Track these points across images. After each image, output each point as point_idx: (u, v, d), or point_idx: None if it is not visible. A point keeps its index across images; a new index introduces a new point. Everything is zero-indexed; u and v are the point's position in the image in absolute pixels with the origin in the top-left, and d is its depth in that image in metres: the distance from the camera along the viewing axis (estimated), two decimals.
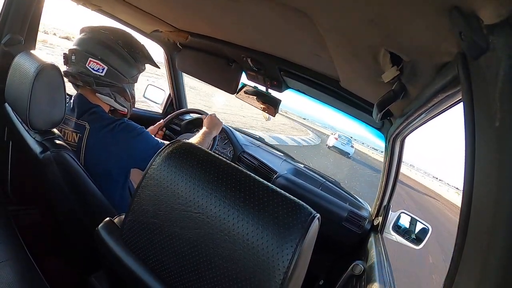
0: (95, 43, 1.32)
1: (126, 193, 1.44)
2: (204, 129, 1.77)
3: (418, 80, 0.82)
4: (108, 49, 1.33)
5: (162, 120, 2.17)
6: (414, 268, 5.75)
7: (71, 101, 1.39)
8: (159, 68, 1.83)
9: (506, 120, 0.39)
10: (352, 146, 24.21)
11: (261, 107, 2.05)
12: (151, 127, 2.13)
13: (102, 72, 1.33)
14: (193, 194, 0.57)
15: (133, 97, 1.53)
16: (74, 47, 1.34)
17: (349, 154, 23.51)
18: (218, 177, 0.58)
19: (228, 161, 0.63)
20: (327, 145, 24.51)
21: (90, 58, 1.31)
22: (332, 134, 27.92)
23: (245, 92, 2.07)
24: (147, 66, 1.57)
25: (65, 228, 1.34)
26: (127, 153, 1.32)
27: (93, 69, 1.32)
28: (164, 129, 2.22)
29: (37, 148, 1.10)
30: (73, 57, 1.33)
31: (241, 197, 0.55)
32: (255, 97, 2.04)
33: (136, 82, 1.53)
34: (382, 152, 1.73)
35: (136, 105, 1.66)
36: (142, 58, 1.47)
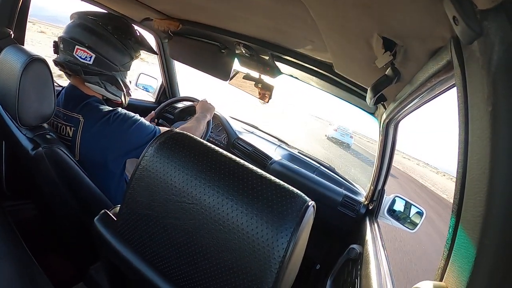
0: (82, 29, 1.28)
1: (122, 185, 1.42)
2: (197, 114, 1.76)
3: (412, 64, 0.81)
4: (96, 36, 1.29)
5: (153, 112, 2.16)
6: None
7: (63, 91, 1.36)
8: (156, 54, 1.80)
9: (499, 105, 0.39)
10: (351, 137, 24.89)
11: (254, 94, 2.04)
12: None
13: (90, 60, 1.29)
14: (187, 185, 0.57)
15: (126, 86, 1.49)
16: (62, 34, 1.30)
17: (349, 144, 24.34)
18: (211, 166, 0.58)
19: (221, 150, 0.63)
20: (326, 136, 25.26)
21: (77, 46, 1.27)
22: (330, 125, 28.72)
23: (238, 79, 2.06)
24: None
25: (61, 222, 1.33)
26: (124, 144, 1.29)
27: (80, 57, 1.28)
28: (156, 120, 2.22)
29: (28, 145, 1.09)
30: (61, 46, 1.29)
31: (235, 186, 0.55)
32: (248, 83, 2.03)
33: (128, 70, 1.48)
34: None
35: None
36: (134, 44, 1.42)
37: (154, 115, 2.17)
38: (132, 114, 1.35)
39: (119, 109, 1.33)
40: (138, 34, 1.46)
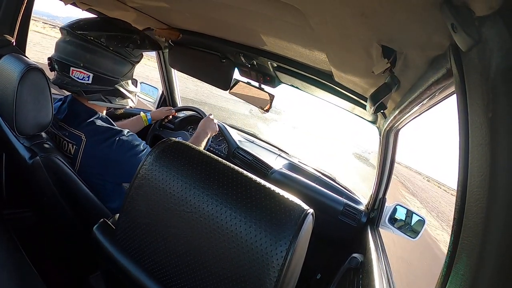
0: (74, 48, 1.20)
1: (120, 194, 1.36)
2: (198, 130, 1.71)
3: (411, 72, 0.82)
4: (90, 53, 1.21)
5: (173, 109, 2.21)
6: None
7: (66, 105, 1.31)
8: (161, 49, 1.73)
9: (499, 111, 0.39)
10: (369, 153, 30.47)
11: (254, 103, 2.04)
12: (159, 110, 2.15)
13: (88, 80, 1.22)
14: (185, 193, 0.57)
15: (132, 92, 1.41)
16: (54, 54, 1.23)
17: (367, 159, 30.02)
18: (210, 175, 0.58)
19: (219, 159, 0.63)
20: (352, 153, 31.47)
21: (72, 68, 1.20)
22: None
23: (238, 88, 2.06)
24: None
25: (60, 230, 1.33)
26: (126, 171, 1.23)
27: (78, 78, 1.21)
28: (175, 113, 2.24)
29: (25, 154, 1.08)
30: (56, 66, 1.23)
31: (233, 195, 0.55)
32: (248, 93, 2.04)
33: (131, 78, 1.40)
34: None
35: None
36: (134, 50, 1.32)
37: (175, 113, 2.21)
38: (138, 141, 1.29)
39: (125, 132, 1.27)
40: (136, 35, 1.35)
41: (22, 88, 1.03)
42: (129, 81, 1.40)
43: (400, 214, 1.75)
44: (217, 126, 1.82)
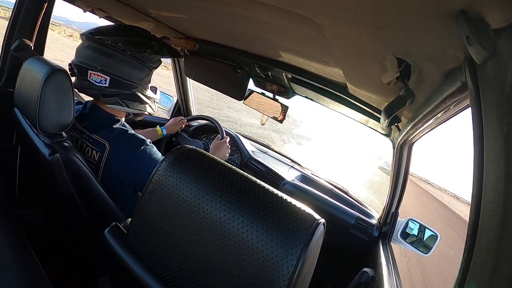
0: (92, 52, 1.25)
1: (137, 201, 1.37)
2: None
3: (426, 85, 0.81)
4: (107, 57, 1.25)
5: (184, 119, 2.24)
6: None
7: (87, 111, 1.34)
8: (181, 56, 1.75)
9: None
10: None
11: (268, 113, 2.05)
12: (172, 122, 2.20)
13: (105, 83, 1.26)
14: (198, 200, 0.57)
15: (150, 97, 1.43)
16: (74, 59, 1.28)
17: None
18: (223, 182, 0.58)
19: (233, 167, 0.63)
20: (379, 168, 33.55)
21: (89, 71, 1.24)
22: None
23: (253, 99, 2.08)
24: None
25: (71, 231, 1.34)
26: (143, 181, 1.19)
27: (95, 81, 1.25)
28: (186, 122, 2.28)
29: (46, 151, 1.10)
30: (75, 70, 1.27)
31: (246, 203, 0.55)
32: (262, 103, 2.05)
33: (148, 83, 1.42)
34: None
35: None
36: (151, 55, 1.35)
37: (186, 122, 2.24)
38: (159, 154, 1.30)
39: (148, 141, 1.30)
40: (153, 42, 1.38)
41: (47, 87, 1.07)
42: (147, 87, 1.43)
43: (413, 229, 1.72)
44: (227, 155, 1.85)
